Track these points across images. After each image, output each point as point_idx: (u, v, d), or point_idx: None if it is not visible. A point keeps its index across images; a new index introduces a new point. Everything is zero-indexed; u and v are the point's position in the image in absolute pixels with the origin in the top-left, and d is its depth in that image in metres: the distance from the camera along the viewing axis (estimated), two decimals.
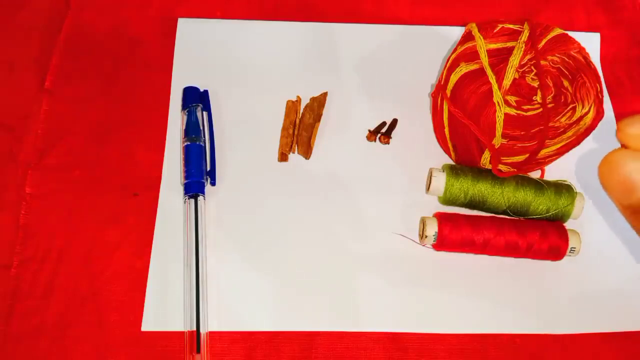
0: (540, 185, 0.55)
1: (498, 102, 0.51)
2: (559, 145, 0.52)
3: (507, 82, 0.51)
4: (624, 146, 0.33)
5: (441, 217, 0.55)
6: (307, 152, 0.59)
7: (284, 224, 0.56)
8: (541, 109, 0.51)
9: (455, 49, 0.56)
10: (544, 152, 0.52)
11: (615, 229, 0.59)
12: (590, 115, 0.52)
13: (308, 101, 0.63)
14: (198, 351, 0.49)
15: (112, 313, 0.52)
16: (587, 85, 0.53)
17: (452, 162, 0.60)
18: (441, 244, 0.54)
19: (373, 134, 0.61)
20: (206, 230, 0.55)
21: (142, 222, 0.56)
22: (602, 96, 0.53)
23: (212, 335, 0.51)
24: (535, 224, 0.55)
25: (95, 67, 0.63)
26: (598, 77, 0.54)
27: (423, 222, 0.55)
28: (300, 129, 0.61)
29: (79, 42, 0.65)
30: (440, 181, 0.55)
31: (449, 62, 0.55)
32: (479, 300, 0.54)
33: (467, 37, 0.55)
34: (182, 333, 0.51)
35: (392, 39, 0.67)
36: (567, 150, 0.54)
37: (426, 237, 0.54)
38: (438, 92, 0.57)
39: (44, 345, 0.50)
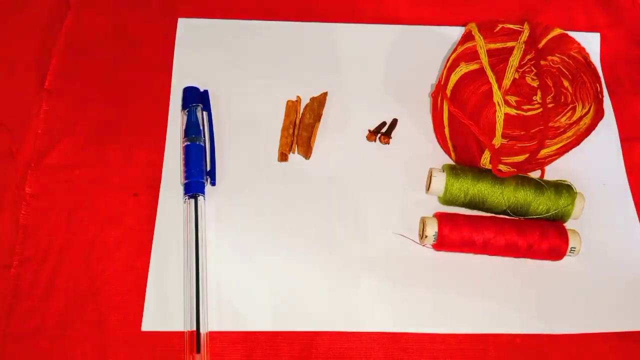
0: (540, 185, 0.55)
1: (498, 102, 0.51)
2: (559, 145, 0.52)
3: (507, 82, 0.51)
4: None
5: (441, 217, 0.55)
6: (307, 152, 0.59)
7: (284, 223, 0.56)
8: (541, 109, 0.51)
9: (455, 49, 0.56)
10: (544, 152, 0.52)
11: (615, 229, 0.59)
12: (590, 115, 0.52)
13: (308, 101, 0.63)
14: (198, 351, 0.49)
15: (112, 313, 0.52)
16: (587, 85, 0.53)
17: (452, 162, 0.60)
18: (441, 244, 0.54)
19: (373, 134, 0.61)
20: (206, 230, 0.55)
21: (142, 222, 0.56)
22: (602, 96, 0.53)
23: (212, 335, 0.51)
24: (535, 224, 0.55)
25: (95, 67, 0.63)
26: (598, 77, 0.54)
27: (423, 222, 0.55)
28: (300, 129, 0.61)
29: (79, 42, 0.65)
30: (440, 181, 0.55)
31: (449, 62, 0.55)
32: (479, 300, 0.54)
33: (467, 37, 0.55)
34: (182, 333, 0.51)
35: (392, 39, 0.67)
36: (567, 150, 0.54)
37: (426, 237, 0.54)
38: (438, 92, 0.57)
39: (44, 345, 0.50)
